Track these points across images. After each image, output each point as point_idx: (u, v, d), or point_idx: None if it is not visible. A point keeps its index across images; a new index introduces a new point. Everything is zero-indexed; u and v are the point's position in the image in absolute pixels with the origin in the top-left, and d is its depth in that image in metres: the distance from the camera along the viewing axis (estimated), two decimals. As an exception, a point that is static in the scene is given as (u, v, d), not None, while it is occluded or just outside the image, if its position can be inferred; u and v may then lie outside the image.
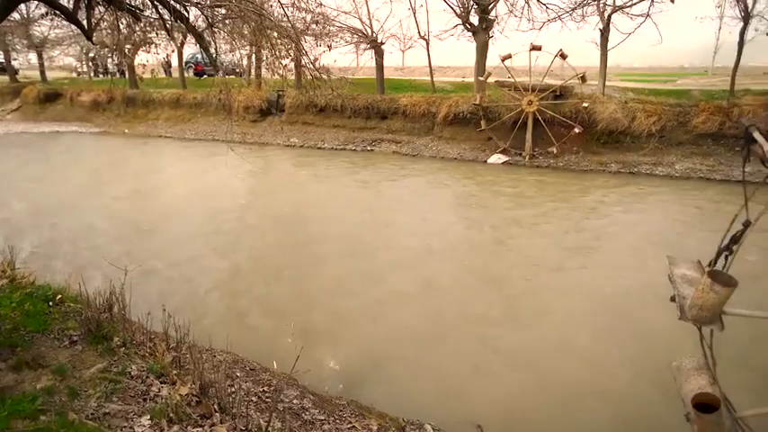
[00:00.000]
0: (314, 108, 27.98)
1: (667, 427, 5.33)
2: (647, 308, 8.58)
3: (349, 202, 16.73)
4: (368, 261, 11.27)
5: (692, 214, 14.94)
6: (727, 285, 2.94)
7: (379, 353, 7.72)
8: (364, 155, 24.83)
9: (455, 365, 7.38)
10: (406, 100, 26.13)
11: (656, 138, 21.10)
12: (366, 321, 8.66)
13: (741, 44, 23.37)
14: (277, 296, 9.73)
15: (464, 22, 25.59)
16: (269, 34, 8.25)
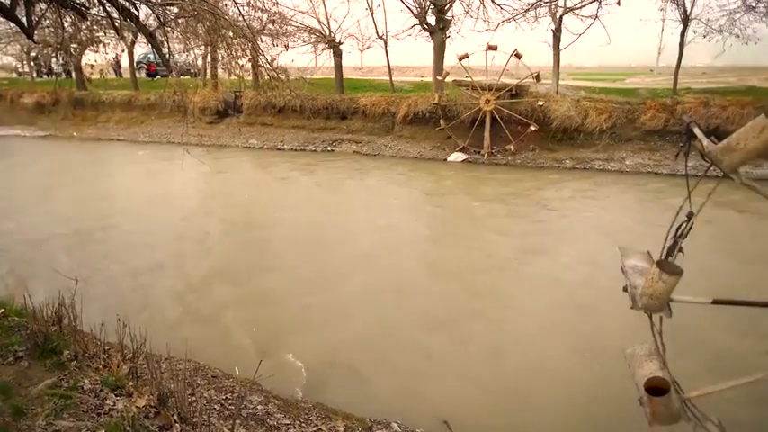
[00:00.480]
0: (273, 109, 27.61)
1: (627, 411, 5.54)
2: (602, 298, 8.89)
3: (310, 203, 16.59)
4: (330, 262, 11.21)
5: (642, 207, 15.62)
6: (673, 274, 3.08)
7: (344, 353, 7.69)
8: (325, 155, 24.69)
9: (420, 363, 7.44)
10: (366, 100, 26.15)
11: (607, 135, 21.95)
12: (330, 322, 8.61)
13: (682, 45, 24.63)
14: (238, 301, 9.53)
15: (421, 23, 25.85)
16: (224, 34, 8.07)
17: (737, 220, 13.14)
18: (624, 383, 4.08)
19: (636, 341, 3.93)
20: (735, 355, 6.96)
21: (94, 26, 7.96)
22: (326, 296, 9.55)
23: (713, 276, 9.21)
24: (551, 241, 12.67)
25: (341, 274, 10.56)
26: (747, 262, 10.55)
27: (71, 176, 20.54)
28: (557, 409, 6.39)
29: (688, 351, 6.91)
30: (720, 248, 11.25)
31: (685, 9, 24.15)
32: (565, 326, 8.38)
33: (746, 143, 2.86)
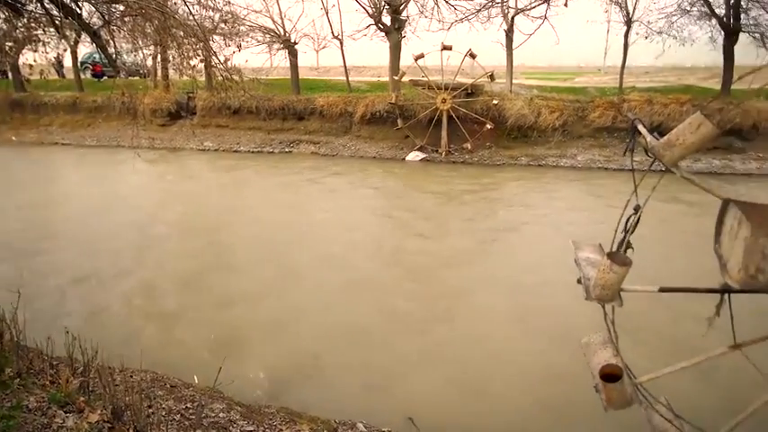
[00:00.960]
0: (228, 110, 26.98)
1: (584, 398, 5.74)
2: (558, 291, 9.15)
3: (268, 205, 16.33)
4: (288, 264, 11.05)
5: (593, 201, 16.21)
6: (623, 265, 3.22)
7: (307, 355, 7.61)
8: (283, 157, 24.37)
9: (383, 362, 7.45)
10: (323, 100, 25.98)
11: (559, 132, 22.70)
12: (291, 325, 8.50)
13: (626, 46, 25.80)
14: (195, 307, 9.25)
15: (377, 23, 25.91)
16: (174, 33, 7.83)
17: (682, 211, 13.84)
18: (582, 371, 4.23)
19: (591, 331, 4.08)
20: (680, 340, 7.32)
21: (32, 24, 7.54)
22: (287, 298, 9.43)
23: (660, 266, 9.66)
24: (508, 237, 12.97)
25: (301, 274, 10.45)
26: (691, 251, 11.12)
27: (9, 182, 19.39)
28: (519, 400, 6.54)
29: (639, 338, 7.23)
30: (666, 239, 11.82)
31: (628, 11, 25.31)
32: (525, 318, 8.59)
33: (685, 139, 3.02)
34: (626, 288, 3.43)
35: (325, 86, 29.96)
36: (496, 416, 6.29)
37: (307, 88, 29.16)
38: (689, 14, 24.47)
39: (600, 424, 5.24)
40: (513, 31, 25.10)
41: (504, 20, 25.17)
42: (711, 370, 5.86)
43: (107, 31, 7.48)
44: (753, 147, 21.39)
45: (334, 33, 29.45)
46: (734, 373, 4.70)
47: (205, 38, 8.63)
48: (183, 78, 9.16)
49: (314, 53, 35.88)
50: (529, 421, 6.19)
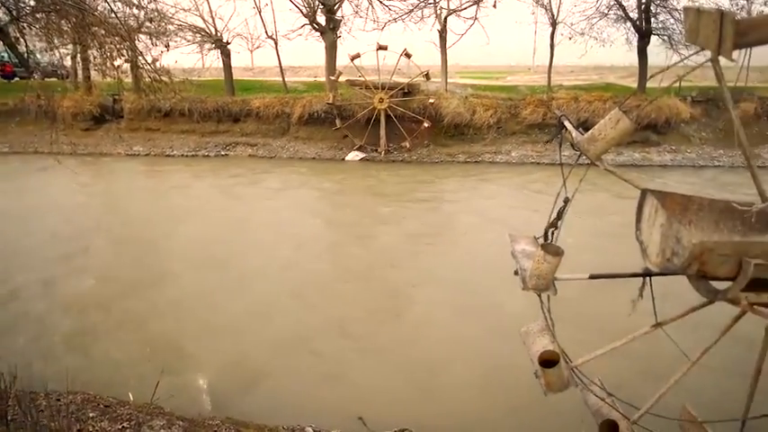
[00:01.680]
0: (158, 113, 25.74)
1: (526, 385, 5.96)
2: (497, 283, 9.44)
3: (205, 210, 15.76)
4: (227, 272, 10.69)
5: (528, 194, 16.90)
6: (555, 255, 3.37)
7: (250, 363, 7.42)
8: (219, 160, 23.61)
9: (328, 364, 7.40)
10: (259, 101, 25.41)
11: (494, 129, 23.50)
12: (231, 333, 8.24)
13: (552, 46, 27.12)
14: (127, 320, 8.75)
15: (311, 22, 25.68)
16: (95, 32, 7.38)
17: (608, 202, 14.70)
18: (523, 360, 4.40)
19: (530, 319, 4.25)
20: (609, 322, 7.77)
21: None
22: (226, 307, 9.13)
23: (592, 254, 10.22)
24: (448, 233, 13.27)
25: (239, 283, 10.16)
26: (617, 239, 11.84)
27: None
28: (464, 393, 6.69)
29: (573, 323, 7.61)
30: (595, 228, 12.52)
31: (553, 13, 26.63)
32: (467, 312, 8.81)
33: (606, 133, 3.21)
34: (559, 277, 3.60)
35: (261, 87, 29.33)
36: (445, 408, 6.41)
37: (242, 89, 28.41)
38: (607, 17, 26.15)
39: (542, 407, 5.47)
40: (446, 31, 25.68)
41: (437, 20, 25.71)
42: (638, 348, 6.27)
43: (16, 27, 6.92)
44: (667, 140, 23.13)
45: (268, 33, 28.97)
46: (657, 349, 5.06)
47: (130, 37, 8.20)
48: (106, 80, 8.64)
49: (248, 53, 35.07)
50: (476, 411, 6.35)
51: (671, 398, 4.31)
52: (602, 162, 3.42)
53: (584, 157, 3.49)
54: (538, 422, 5.90)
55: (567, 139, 3.57)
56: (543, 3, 26.94)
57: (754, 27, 2.93)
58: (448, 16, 25.56)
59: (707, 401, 5.31)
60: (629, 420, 4.00)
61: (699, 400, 5.15)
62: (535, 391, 3.92)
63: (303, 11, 25.34)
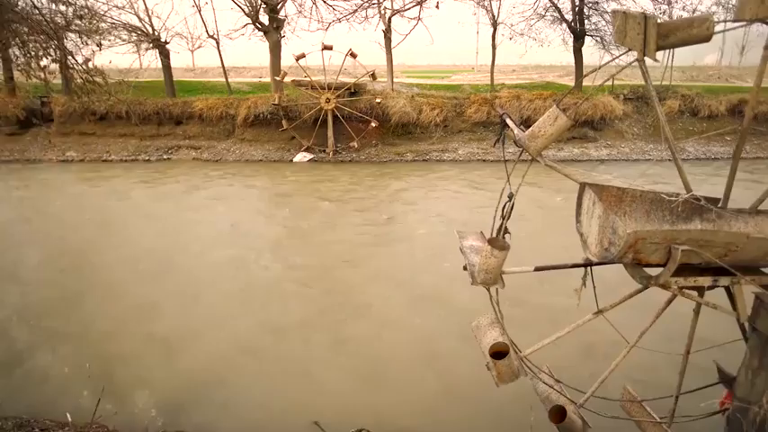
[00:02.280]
0: (93, 116, 24.39)
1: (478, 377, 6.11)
2: (447, 279, 9.63)
3: (149, 218, 15.10)
4: (170, 280, 10.30)
5: (475, 191, 17.31)
6: (502, 249, 3.48)
7: (200, 374, 7.17)
8: (161, 164, 22.69)
9: (281, 369, 7.28)
10: (202, 103, 24.64)
11: (440, 128, 23.92)
12: (179, 343, 7.94)
13: (494, 46, 27.92)
14: (63, 336, 8.21)
15: (254, 22, 25.18)
16: (17, 29, 6.91)
17: (547, 196, 15.31)
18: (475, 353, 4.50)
19: (480, 313, 4.36)
20: (555, 312, 8.09)
21: None
22: (171, 316, 8.79)
23: (536, 246, 10.60)
24: (398, 231, 13.38)
25: (184, 291, 9.81)
26: (558, 231, 12.35)
27: None
28: (418, 391, 6.77)
29: (521, 314, 7.87)
30: (538, 221, 13.00)
31: (493, 14, 27.41)
32: (420, 309, 8.91)
33: (546, 130, 3.34)
34: (506, 270, 3.72)
35: (204, 88, 28.45)
36: (401, 405, 6.46)
37: (183, 91, 27.45)
38: (544, 19, 27.24)
39: (495, 398, 5.63)
40: (390, 31, 25.88)
41: (381, 20, 25.86)
42: (582, 335, 6.57)
43: None
44: (603, 136, 24.35)
45: (209, 32, 28.14)
46: (599, 335, 5.32)
47: (57, 35, 7.74)
48: (30, 81, 8.10)
49: (189, 53, 33.97)
50: (431, 405, 6.43)
51: (615, 380, 4.55)
52: (543, 158, 3.55)
53: (527, 153, 3.62)
54: (491, 412, 6.05)
55: (510, 136, 3.69)
56: (484, 4, 27.72)
57: (674, 30, 3.14)
58: (392, 16, 25.78)
59: (646, 381, 5.64)
60: (576, 405, 4.19)
61: (638, 380, 5.46)
62: (487, 382, 4.03)
63: (245, 10, 24.80)
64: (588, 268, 4.07)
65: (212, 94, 26.56)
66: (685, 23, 3.16)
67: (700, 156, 22.76)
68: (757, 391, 3.41)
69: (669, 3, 25.39)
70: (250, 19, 25.08)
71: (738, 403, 3.59)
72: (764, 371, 3.37)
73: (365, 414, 6.28)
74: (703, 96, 25.38)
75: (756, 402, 3.28)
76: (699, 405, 4.35)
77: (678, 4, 25.94)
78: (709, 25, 3.12)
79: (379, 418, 6.19)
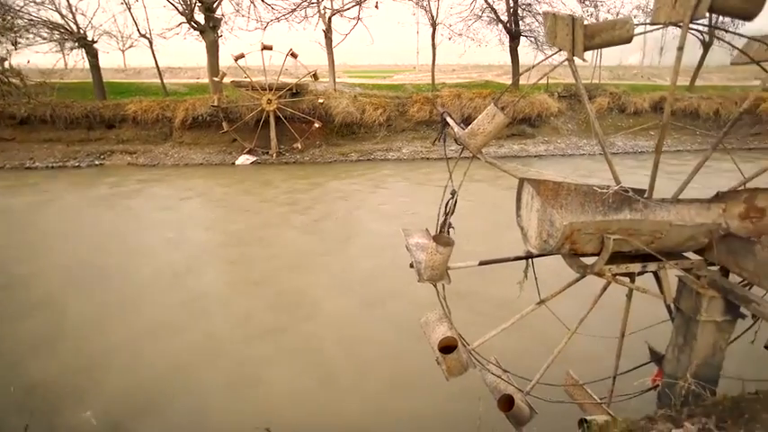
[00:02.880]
0: (11, 120, 22.54)
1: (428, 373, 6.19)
2: (395, 277, 9.69)
3: (81, 226, 14.21)
4: (109, 292, 9.77)
5: (419, 189, 17.56)
6: (447, 245, 3.55)
7: (148, 386, 6.85)
8: (93, 171, 21.43)
9: (229, 377, 7.09)
10: (135, 105, 23.47)
11: (384, 127, 24.08)
12: (122, 357, 7.55)
13: (434, 46, 28.44)
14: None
15: (189, 20, 24.29)
16: None
17: (493, 192, 15.76)
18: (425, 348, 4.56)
19: (428, 309, 4.43)
20: (501, 304, 8.35)
21: None
22: (112, 329, 8.34)
23: (482, 241, 10.89)
24: (344, 231, 13.34)
25: (125, 302, 9.34)
26: (502, 226, 12.75)
27: None
28: (369, 390, 6.79)
29: (467, 308, 8.06)
30: (482, 217, 13.36)
31: (432, 15, 27.90)
32: (368, 308, 8.93)
33: (484, 128, 3.44)
34: (452, 266, 3.80)
35: (137, 90, 27.11)
36: (351, 404, 6.44)
37: (115, 92, 26.03)
38: (481, 20, 28.03)
39: (446, 392, 5.73)
40: (331, 31, 25.75)
41: (321, 20, 25.68)
42: (526, 324, 6.81)
43: None
44: (540, 132, 25.38)
45: (141, 31, 26.88)
46: (543, 323, 5.54)
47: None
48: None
49: (119, 53, 32.27)
50: (383, 403, 6.46)
51: (558, 366, 4.75)
52: (483, 155, 3.66)
53: (468, 151, 3.71)
54: (441, 406, 6.15)
55: (451, 134, 3.77)
56: (423, 4, 28.15)
57: (599, 31, 3.32)
58: (332, 16, 25.66)
59: (587, 365, 5.92)
60: (523, 392, 4.34)
61: (580, 365, 5.73)
62: (438, 376, 4.10)
63: (179, 8, 23.88)
64: (530, 260, 4.23)
65: (147, 95, 25.38)
66: (609, 25, 3.35)
67: (628, 150, 24.18)
68: (683, 366, 3.67)
69: (596, 6, 26.83)
70: (185, 17, 24.17)
71: (667, 379, 3.85)
72: (689, 348, 3.63)
73: (316, 414, 6.23)
74: (629, 94, 27.02)
75: (682, 377, 3.53)
76: (634, 384, 4.63)
77: (603, 8, 27.49)
78: (629, 27, 3.32)
79: (331, 419, 6.16)
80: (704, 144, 24.29)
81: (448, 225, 3.91)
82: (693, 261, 3.83)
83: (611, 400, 4.74)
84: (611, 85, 28.75)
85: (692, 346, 3.60)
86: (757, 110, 24.76)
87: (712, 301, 3.47)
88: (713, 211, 3.85)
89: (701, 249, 3.83)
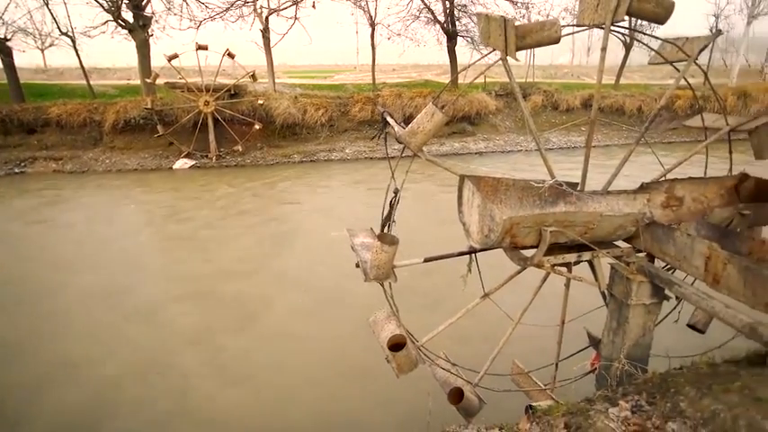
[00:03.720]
0: None
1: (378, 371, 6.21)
2: (341, 278, 9.66)
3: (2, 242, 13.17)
4: (37, 307, 9.13)
5: (363, 188, 17.58)
6: (391, 244, 3.57)
7: (89, 406, 6.44)
8: (13, 179, 19.86)
9: (177, 390, 6.81)
10: (59, 108, 21.98)
11: (326, 127, 23.91)
12: (61, 376, 7.07)
13: (373, 46, 28.56)
14: None
15: (115, 18, 23.07)
16: None
17: (432, 189, 16.05)
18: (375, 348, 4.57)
19: (376, 308, 4.44)
20: (446, 300, 8.53)
21: None
22: (47, 348, 7.80)
23: (425, 238, 11.05)
24: (289, 235, 13.13)
25: (58, 318, 8.77)
26: (445, 223, 13.01)
27: None
28: (320, 392, 6.73)
29: (415, 305, 8.17)
30: (425, 214, 13.58)
31: (371, 15, 28.00)
32: (317, 310, 8.84)
33: (424, 126, 3.49)
34: (397, 264, 3.83)
35: (60, 92, 25.43)
36: (301, 407, 6.36)
37: (34, 95, 24.28)
38: (418, 20, 28.44)
39: (398, 388, 5.77)
40: (268, 30, 25.27)
41: (258, 19, 25.15)
42: (473, 318, 6.99)
43: None
44: (480, 130, 26.10)
45: (63, 29, 25.22)
46: (489, 316, 5.70)
47: None
48: None
49: (38, 52, 30.12)
50: (334, 405, 6.43)
51: (505, 356, 4.91)
52: (423, 153, 3.71)
53: (409, 149, 3.76)
54: (391, 404, 6.20)
55: (392, 134, 3.80)
56: (361, 4, 28.20)
57: (529, 32, 3.45)
58: (269, 15, 25.17)
59: (532, 353, 6.15)
60: (472, 384, 4.45)
61: (526, 354, 5.95)
62: (389, 374, 4.12)
63: (104, 5, 22.61)
64: (473, 255, 4.34)
65: (72, 98, 23.84)
66: (538, 26, 3.50)
67: (562, 145, 25.34)
68: (617, 348, 3.89)
69: (527, 8, 27.90)
70: (111, 15, 22.93)
71: (604, 362, 4.07)
72: (622, 330, 3.86)
73: (262, 416, 6.11)
74: (561, 92, 28.33)
75: (617, 359, 3.74)
76: (574, 368, 4.86)
77: (534, 9, 28.65)
78: (557, 28, 3.48)
79: (276, 421, 6.05)
80: (630, 139, 25.81)
81: (391, 223, 3.94)
82: (623, 249, 4.07)
83: (554, 385, 4.95)
84: (544, 84, 30.04)
85: (624, 328, 3.82)
86: (674, 106, 26.68)
87: (641, 286, 3.70)
88: (639, 202, 4.10)
89: (630, 237, 4.08)
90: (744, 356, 3.31)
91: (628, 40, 29.68)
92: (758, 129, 4.31)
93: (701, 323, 4.86)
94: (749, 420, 2.34)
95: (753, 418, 2.34)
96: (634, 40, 28.04)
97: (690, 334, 4.92)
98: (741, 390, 2.56)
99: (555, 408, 2.91)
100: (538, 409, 2.98)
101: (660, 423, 2.51)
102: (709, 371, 3.02)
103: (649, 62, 4.81)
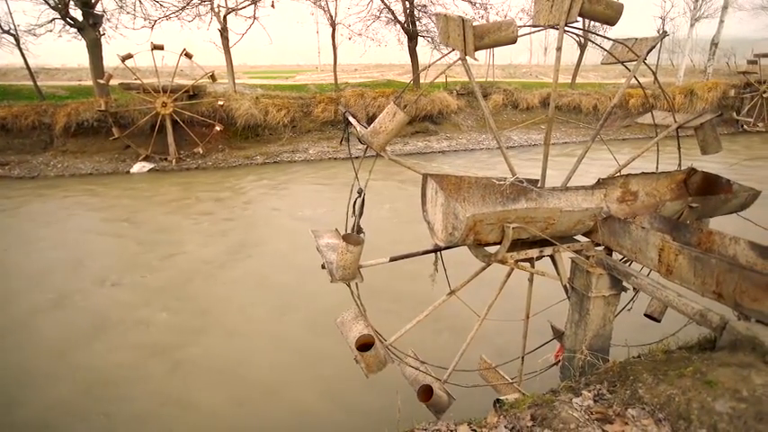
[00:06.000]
0: None
1: (348, 372, 6.19)
2: (307, 279, 9.58)
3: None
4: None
5: (328, 188, 17.48)
6: (357, 244, 3.56)
7: (51, 416, 6.16)
8: (-46, 187, 18.78)
9: (156, 392, 6.60)
10: (4, 111, 20.89)
11: (289, 128, 23.64)
12: (40, 377, 6.73)
13: (334, 46, 28.45)
14: None
15: (63, 17, 22.11)
16: None
17: (395, 188, 16.13)
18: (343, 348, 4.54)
19: (343, 308, 4.42)
20: (413, 298, 8.58)
21: None
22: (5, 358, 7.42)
23: (392, 237, 11.10)
24: (252, 239, 12.93)
25: (16, 328, 8.35)
26: (411, 221, 13.10)
27: None
28: (288, 393, 6.65)
29: (383, 304, 8.18)
30: (387, 214, 13.63)
31: (331, 15, 27.87)
32: (284, 313, 8.74)
33: (386, 126, 3.49)
34: (363, 264, 3.82)
35: (4, 93, 24.16)
36: (268, 408, 6.28)
37: (-26, 97, 23.04)
38: (379, 20, 28.48)
39: (368, 387, 5.77)
40: (227, 30, 24.78)
41: (216, 18, 24.62)
42: (440, 316, 7.07)
43: None
44: (442, 129, 26.37)
45: (4, 27, 23.96)
46: (455, 313, 5.78)
47: None
48: None
49: (-23, 52, 28.53)
50: (304, 406, 6.37)
51: (473, 352, 4.98)
52: (386, 152, 3.71)
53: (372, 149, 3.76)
54: (362, 405, 6.19)
55: (354, 134, 3.79)
56: (321, 4, 28.03)
57: (487, 32, 3.51)
58: (227, 15, 24.68)
59: (499, 348, 6.27)
60: (441, 381, 4.49)
61: (493, 349, 6.05)
62: (358, 375, 4.12)
63: (50, 2, 21.63)
64: (438, 253, 4.38)
65: (17, 99, 22.72)
66: (495, 27, 3.56)
67: (523, 143, 25.90)
68: (579, 340, 4.01)
69: (486, 8, 28.37)
70: (58, 13, 21.96)
71: (567, 353, 4.18)
72: (583, 322, 3.97)
73: (230, 417, 6.00)
74: (521, 91, 28.95)
75: (579, 350, 3.85)
76: (539, 361, 4.98)
77: (493, 10, 29.18)
78: (513, 29, 3.55)
79: (244, 421, 5.96)
80: (586, 136, 26.64)
81: (356, 224, 3.93)
82: (583, 243, 4.19)
83: (521, 378, 5.06)
84: (504, 83, 30.63)
85: (586, 320, 3.94)
86: (627, 105, 27.72)
87: (600, 278, 3.82)
88: (596, 197, 4.24)
89: (589, 232, 4.21)
90: (696, 342, 3.48)
91: (582, 40, 30.67)
92: (703, 125, 4.52)
93: (657, 312, 5.08)
94: (701, 403, 2.45)
95: (704, 400, 2.46)
96: (588, 41, 28.98)
97: (647, 323, 5.13)
98: (693, 374, 2.68)
99: (521, 400, 2.96)
100: (505, 403, 3.03)
101: (621, 410, 2.61)
102: (664, 357, 3.15)
103: (602, 62, 4.98)
